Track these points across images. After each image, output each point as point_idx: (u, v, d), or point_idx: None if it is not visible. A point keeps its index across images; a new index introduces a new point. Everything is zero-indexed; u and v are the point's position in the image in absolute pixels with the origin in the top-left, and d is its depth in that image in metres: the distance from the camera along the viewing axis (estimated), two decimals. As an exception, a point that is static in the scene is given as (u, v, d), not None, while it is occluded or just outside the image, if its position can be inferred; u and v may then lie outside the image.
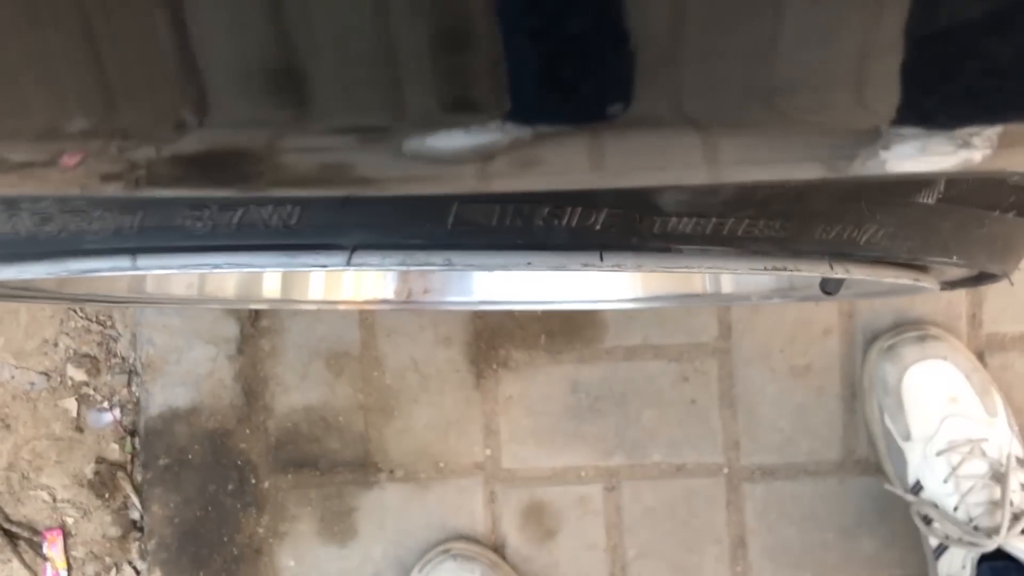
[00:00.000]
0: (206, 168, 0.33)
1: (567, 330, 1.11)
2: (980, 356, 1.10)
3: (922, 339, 1.07)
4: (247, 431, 1.12)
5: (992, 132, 0.29)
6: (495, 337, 1.11)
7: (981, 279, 0.61)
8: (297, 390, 1.11)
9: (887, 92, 0.27)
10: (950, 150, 0.30)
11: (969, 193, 0.44)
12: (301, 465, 1.11)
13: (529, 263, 0.39)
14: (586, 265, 0.39)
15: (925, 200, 0.42)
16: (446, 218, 0.35)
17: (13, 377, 1.15)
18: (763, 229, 0.38)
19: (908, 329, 1.09)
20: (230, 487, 1.12)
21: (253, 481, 1.12)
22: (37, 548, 1.16)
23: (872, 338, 1.11)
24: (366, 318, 1.11)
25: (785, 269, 0.42)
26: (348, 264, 0.38)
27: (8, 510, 1.15)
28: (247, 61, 0.29)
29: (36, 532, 1.16)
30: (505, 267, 0.40)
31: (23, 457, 1.15)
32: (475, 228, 0.36)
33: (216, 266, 0.39)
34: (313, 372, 1.11)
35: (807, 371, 1.11)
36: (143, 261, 0.39)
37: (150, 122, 0.30)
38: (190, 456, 1.12)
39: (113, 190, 0.35)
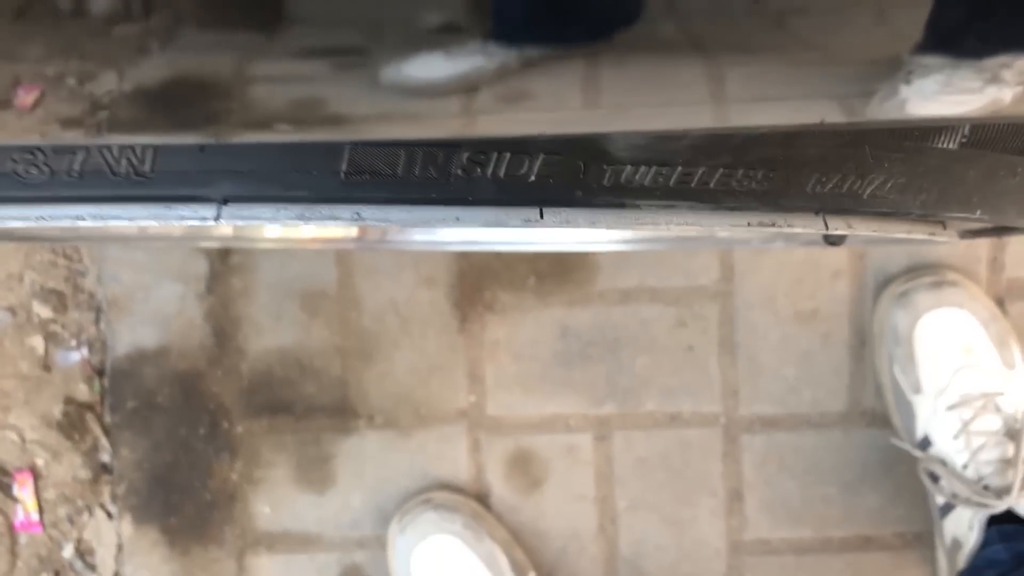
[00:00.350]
0: (170, 104, 0.28)
1: (557, 271, 1.04)
2: (1000, 303, 1.02)
3: (938, 285, 1.00)
4: (218, 374, 1.06)
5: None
6: (481, 278, 1.04)
7: (1008, 230, 0.54)
8: (271, 331, 1.05)
9: (911, 11, 0.20)
10: (977, 87, 0.24)
11: (999, 136, 0.36)
12: (276, 410, 1.06)
13: (457, 218, 0.32)
14: (527, 221, 0.32)
15: (945, 145, 0.34)
16: (338, 166, 0.28)
17: (-23, 313, 1.10)
18: (742, 181, 0.31)
19: (923, 274, 1.01)
20: (201, 431, 1.07)
21: (225, 426, 1.07)
22: (7, 490, 1.12)
23: (884, 282, 1.03)
24: (343, 256, 1.04)
25: (773, 225, 0.35)
26: (218, 219, 0.31)
27: (-25, 451, 1.11)
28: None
29: (6, 473, 1.12)
30: (428, 223, 0.33)
31: (-10, 396, 1.10)
32: (376, 178, 0.29)
33: (79, 218, 0.32)
34: (287, 312, 1.05)
35: (813, 316, 1.04)
36: (-13, 212, 0.32)
37: (109, 48, 0.26)
38: (159, 399, 1.07)
39: (75, 137, 0.30)
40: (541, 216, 0.32)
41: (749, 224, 0.35)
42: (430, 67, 0.26)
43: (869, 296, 1.04)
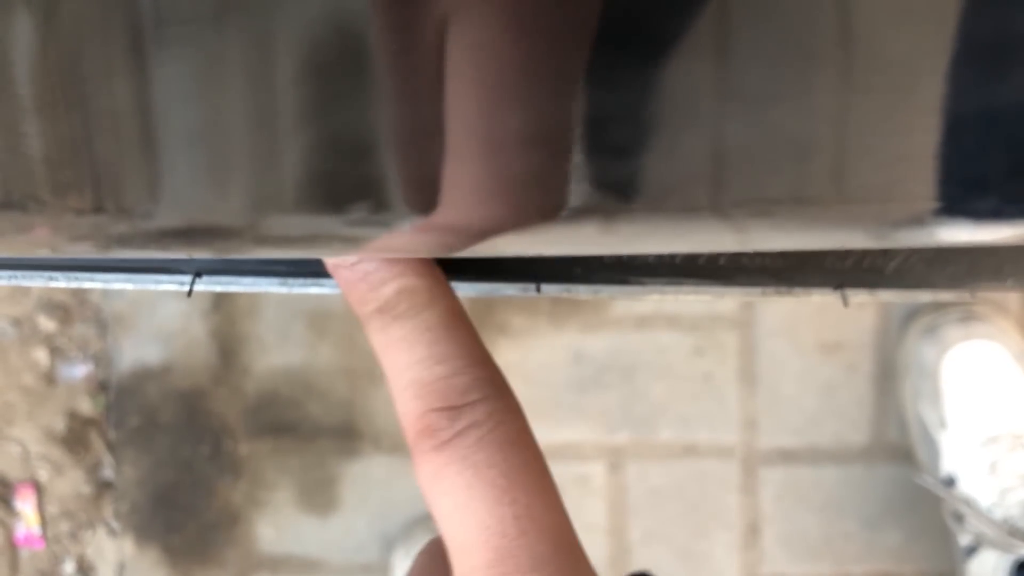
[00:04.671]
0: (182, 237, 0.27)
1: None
2: (1031, 337, 0.99)
3: (966, 317, 0.97)
4: (223, 393, 1.04)
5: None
6: (492, 300, 1.02)
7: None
8: (277, 350, 1.03)
9: (929, 177, 0.18)
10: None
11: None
12: (280, 431, 1.04)
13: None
14: (524, 292, 0.30)
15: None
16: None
17: (-18, 323, 1.08)
18: (753, 258, 0.28)
19: (951, 305, 0.98)
20: (205, 451, 1.05)
21: (229, 445, 1.04)
22: (9, 503, 1.10)
23: (911, 313, 1.00)
24: (353, 275, 1.01)
25: (789, 295, 0.33)
26: (191, 292, 0.29)
27: (-23, 464, 1.10)
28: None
29: (7, 486, 1.10)
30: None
31: (-7, 408, 1.09)
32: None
33: (51, 279, 0.32)
34: (294, 332, 1.02)
35: (837, 347, 1.01)
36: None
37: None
38: (163, 416, 1.05)
39: (85, 251, 0.29)
40: (538, 291, 0.29)
41: (764, 294, 0.33)
42: None
43: (895, 327, 1.00)
